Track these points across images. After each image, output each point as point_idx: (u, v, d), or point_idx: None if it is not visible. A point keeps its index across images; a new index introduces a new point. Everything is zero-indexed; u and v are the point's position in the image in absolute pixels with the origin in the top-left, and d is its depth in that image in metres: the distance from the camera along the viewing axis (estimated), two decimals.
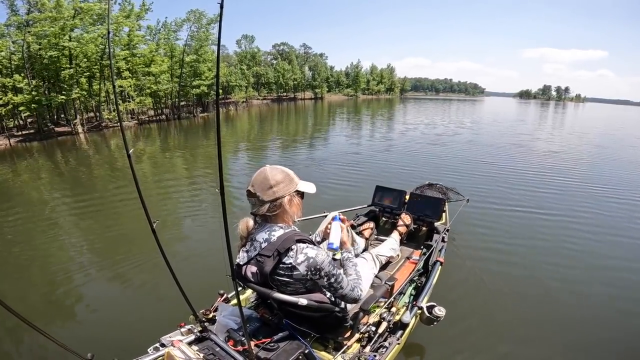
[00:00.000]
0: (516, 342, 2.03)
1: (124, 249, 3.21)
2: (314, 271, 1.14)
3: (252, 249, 1.19)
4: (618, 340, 2.08)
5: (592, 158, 8.09)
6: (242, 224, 1.21)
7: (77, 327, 2.19)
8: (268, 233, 1.16)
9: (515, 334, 2.08)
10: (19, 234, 3.69)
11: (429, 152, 8.31)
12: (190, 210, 4.41)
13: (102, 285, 2.71)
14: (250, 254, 1.19)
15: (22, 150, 9.45)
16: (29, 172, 6.91)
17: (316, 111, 24.38)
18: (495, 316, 2.24)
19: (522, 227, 3.68)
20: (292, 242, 1.12)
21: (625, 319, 2.26)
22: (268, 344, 1.29)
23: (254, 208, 1.17)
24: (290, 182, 1.17)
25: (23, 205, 4.67)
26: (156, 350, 1.26)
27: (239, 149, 9.34)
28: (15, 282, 2.77)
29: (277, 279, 1.17)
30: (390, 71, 64.11)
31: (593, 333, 2.15)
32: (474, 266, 2.82)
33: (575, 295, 2.52)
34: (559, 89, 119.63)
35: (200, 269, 2.73)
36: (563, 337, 2.08)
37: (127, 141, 1.06)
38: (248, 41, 35.66)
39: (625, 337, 2.12)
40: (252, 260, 1.18)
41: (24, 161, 8.08)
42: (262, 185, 1.13)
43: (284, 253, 1.12)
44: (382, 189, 2.94)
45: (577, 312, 2.34)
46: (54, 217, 4.18)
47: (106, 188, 5.50)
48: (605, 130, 16.36)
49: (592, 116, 30.87)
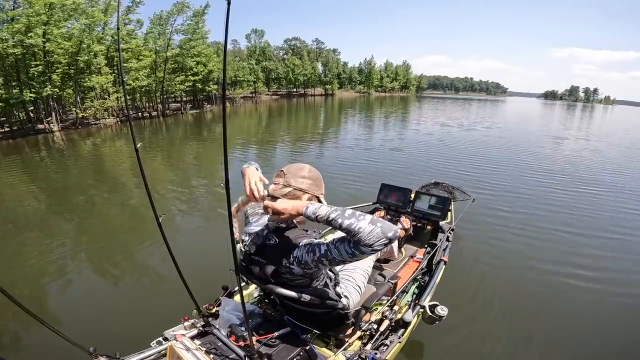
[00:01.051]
0: (519, 343, 2.00)
1: (128, 244, 3.32)
2: (304, 266, 1.09)
3: (258, 239, 1.20)
4: (629, 344, 2.02)
5: (606, 162, 7.77)
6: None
7: (79, 320, 2.25)
8: (276, 234, 1.18)
9: (518, 336, 2.05)
10: (18, 228, 3.85)
11: (435, 151, 8.21)
12: (195, 205, 4.52)
13: (105, 279, 2.80)
14: (257, 242, 1.20)
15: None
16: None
17: (316, 110, 23.89)
18: (498, 317, 2.22)
19: (528, 229, 3.61)
20: (294, 243, 1.14)
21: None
22: (269, 340, 1.32)
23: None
24: (319, 187, 1.22)
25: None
26: (159, 344, 1.30)
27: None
28: (17, 274, 2.86)
29: (282, 275, 1.18)
30: (405, 68, 63.18)
31: (600, 335, 2.11)
32: (478, 266, 2.80)
33: (583, 298, 2.47)
34: (587, 90, 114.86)
35: (204, 263, 2.78)
36: (568, 339, 2.05)
37: (134, 135, 1.10)
38: (258, 35, 35.85)
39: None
40: (257, 257, 1.20)
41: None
42: (296, 171, 1.18)
43: (290, 251, 1.13)
44: (388, 187, 2.94)
45: (585, 314, 2.30)
46: (51, 214, 4.35)
47: (105, 184, 5.67)
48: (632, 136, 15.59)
49: (619, 119, 29.52)
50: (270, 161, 7.28)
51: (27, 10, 10.53)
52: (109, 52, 14.36)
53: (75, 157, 8.10)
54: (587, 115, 32.29)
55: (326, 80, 42.98)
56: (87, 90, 13.71)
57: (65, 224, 4.01)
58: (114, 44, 14.24)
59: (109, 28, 14.06)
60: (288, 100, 33.72)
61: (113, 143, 10.02)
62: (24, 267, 2.96)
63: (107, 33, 13.98)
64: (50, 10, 10.94)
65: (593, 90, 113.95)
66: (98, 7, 12.93)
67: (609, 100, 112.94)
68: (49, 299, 2.57)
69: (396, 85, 59.36)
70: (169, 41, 16.95)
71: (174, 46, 17.52)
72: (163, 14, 16.55)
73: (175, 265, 1.25)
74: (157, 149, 8.55)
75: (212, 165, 7.09)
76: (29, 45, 10.73)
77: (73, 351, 1.04)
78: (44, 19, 10.91)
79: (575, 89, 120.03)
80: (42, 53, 11.31)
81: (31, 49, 10.92)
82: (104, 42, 13.94)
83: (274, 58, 37.63)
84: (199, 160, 7.62)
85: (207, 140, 10.45)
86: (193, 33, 17.72)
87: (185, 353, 1.14)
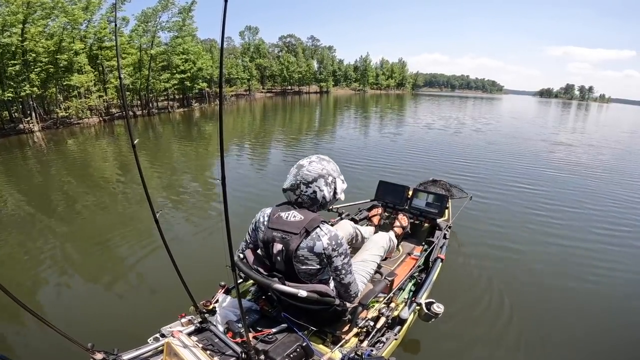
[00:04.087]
0: (515, 341, 2.05)
1: (125, 240, 3.31)
2: (335, 245, 1.28)
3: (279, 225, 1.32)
4: (622, 344, 2.10)
5: (600, 160, 7.95)
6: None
7: (77, 317, 2.27)
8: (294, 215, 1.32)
9: (515, 334, 2.11)
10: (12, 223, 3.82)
11: (433, 148, 8.32)
12: (191, 202, 4.51)
13: (102, 275, 2.80)
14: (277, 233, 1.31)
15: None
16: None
17: (312, 108, 24.06)
18: (494, 315, 2.27)
19: (525, 227, 3.69)
20: (318, 222, 1.28)
21: (630, 320, 2.28)
22: (266, 336, 1.35)
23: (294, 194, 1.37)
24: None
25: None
26: (156, 341, 1.32)
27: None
28: (14, 269, 2.88)
29: (299, 254, 1.29)
30: (401, 65, 63.54)
31: (594, 331, 2.18)
32: (475, 264, 2.86)
33: (581, 297, 2.54)
34: (582, 88, 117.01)
35: (201, 259, 2.81)
36: (562, 335, 2.11)
37: (132, 132, 1.11)
38: (252, 33, 35.67)
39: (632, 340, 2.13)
40: (278, 238, 1.30)
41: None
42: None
43: (311, 231, 1.27)
44: (385, 184, 2.99)
45: (578, 311, 2.37)
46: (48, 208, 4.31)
47: (103, 179, 5.63)
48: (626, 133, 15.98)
49: (617, 117, 30.16)
50: (265, 162, 7.28)
51: (4, 9, 10.34)
52: (92, 50, 14.13)
53: (51, 157, 7.95)
54: (577, 113, 32.87)
55: (321, 78, 42.98)
56: (70, 89, 13.45)
57: (57, 222, 3.98)
58: (97, 42, 14.01)
59: (92, 26, 13.80)
60: (283, 97, 33.64)
61: (94, 142, 9.83)
62: (20, 263, 2.97)
63: (89, 31, 13.71)
64: (28, 8, 10.74)
65: (588, 89, 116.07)
66: (79, 5, 12.68)
67: (604, 98, 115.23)
68: (46, 296, 2.58)
69: (392, 83, 59.67)
70: (153, 38, 16.71)
71: (161, 44, 17.31)
72: (148, 11, 16.36)
73: (172, 261, 1.26)
74: (143, 150, 8.42)
75: (204, 161, 7.07)
76: (5, 45, 10.54)
77: (71, 348, 1.05)
78: (20, 18, 10.69)
79: (570, 87, 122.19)
80: (21, 52, 11.10)
81: (8, 47, 10.70)
82: (86, 41, 13.70)
83: (268, 55, 37.45)
84: (189, 159, 7.58)
85: (195, 139, 10.37)
86: (179, 30, 17.48)
87: (182, 349, 1.17)
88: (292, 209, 1.34)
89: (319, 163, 1.38)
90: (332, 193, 1.40)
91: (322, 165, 1.37)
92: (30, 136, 11.09)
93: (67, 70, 12.87)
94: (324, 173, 1.36)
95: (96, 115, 14.48)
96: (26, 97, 11.72)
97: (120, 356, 1.16)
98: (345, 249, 1.31)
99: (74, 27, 12.59)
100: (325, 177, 1.36)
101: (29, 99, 11.92)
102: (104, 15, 14.19)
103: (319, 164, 1.37)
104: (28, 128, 11.71)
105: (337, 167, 1.44)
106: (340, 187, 1.43)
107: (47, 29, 11.76)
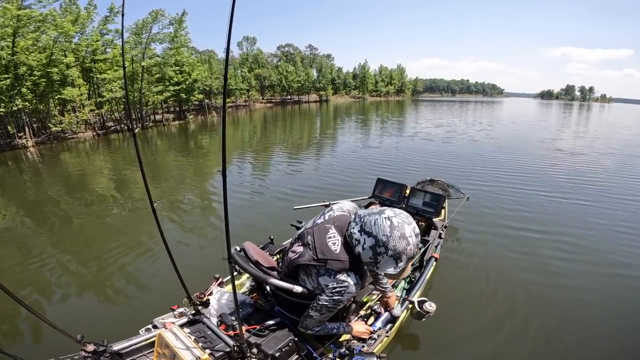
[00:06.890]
0: (509, 339, 2.06)
1: (119, 232, 3.38)
2: (334, 292, 1.25)
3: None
4: (614, 343, 2.08)
5: (598, 161, 7.91)
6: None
7: (67, 308, 2.29)
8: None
9: (509, 332, 2.11)
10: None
11: (433, 149, 8.41)
12: (190, 195, 4.59)
13: (94, 265, 2.84)
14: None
15: None
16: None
17: (312, 117, 24.13)
18: (487, 314, 2.28)
19: (522, 229, 3.70)
20: (341, 271, 1.25)
21: (618, 323, 2.25)
22: (259, 330, 1.37)
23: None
24: None
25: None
26: (148, 332, 1.35)
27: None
28: (5, 264, 2.92)
29: (307, 270, 1.31)
30: (400, 71, 64.41)
31: (585, 331, 2.17)
32: (469, 264, 2.88)
33: (579, 296, 2.54)
34: (582, 89, 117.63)
35: (196, 252, 2.85)
36: (552, 334, 2.11)
37: (132, 122, 1.17)
38: (249, 43, 36.47)
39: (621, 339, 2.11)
40: (306, 242, 1.32)
41: None
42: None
43: (330, 270, 1.26)
44: (383, 182, 3.03)
45: (570, 311, 2.36)
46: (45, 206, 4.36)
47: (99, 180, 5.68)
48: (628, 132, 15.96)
49: (619, 116, 30.16)
50: (266, 175, 7.34)
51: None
52: (85, 63, 14.38)
53: (44, 171, 8.09)
54: (576, 114, 32.90)
55: (320, 86, 43.57)
56: (65, 103, 13.60)
57: (51, 219, 4.07)
58: (91, 55, 14.26)
59: (84, 38, 14.07)
60: (282, 107, 34.03)
61: (86, 157, 9.91)
62: (15, 259, 3.02)
63: (81, 44, 13.95)
64: (17, 22, 10.95)
65: (589, 89, 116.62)
66: (68, 18, 12.87)
67: (605, 98, 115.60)
68: (37, 287, 2.60)
69: (391, 89, 60.33)
70: (144, 50, 16.86)
71: (155, 56, 17.44)
72: (139, 23, 16.58)
73: (168, 252, 1.30)
74: (134, 166, 8.48)
75: (204, 161, 7.13)
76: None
77: (62, 340, 1.07)
78: (10, 32, 10.90)
79: (571, 87, 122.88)
80: (12, 65, 11.27)
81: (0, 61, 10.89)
82: (78, 54, 13.92)
83: (267, 65, 38.16)
84: (189, 159, 7.64)
85: (192, 154, 10.43)
86: (171, 41, 17.58)
87: (174, 341, 1.18)
88: (338, 232, 1.28)
89: (392, 228, 1.17)
90: (372, 263, 1.22)
91: (391, 233, 1.17)
92: (24, 151, 11.27)
93: (61, 83, 13.05)
94: (382, 240, 1.17)
95: (91, 130, 14.66)
96: (18, 111, 11.84)
97: (110, 346, 1.18)
98: (337, 300, 1.26)
99: (66, 40, 12.77)
100: (379, 244, 1.17)
101: (21, 113, 12.06)
102: (96, 28, 14.57)
103: (388, 228, 1.17)
104: (22, 143, 11.86)
105: (408, 245, 1.19)
106: (386, 267, 1.21)
107: (38, 42, 11.94)
